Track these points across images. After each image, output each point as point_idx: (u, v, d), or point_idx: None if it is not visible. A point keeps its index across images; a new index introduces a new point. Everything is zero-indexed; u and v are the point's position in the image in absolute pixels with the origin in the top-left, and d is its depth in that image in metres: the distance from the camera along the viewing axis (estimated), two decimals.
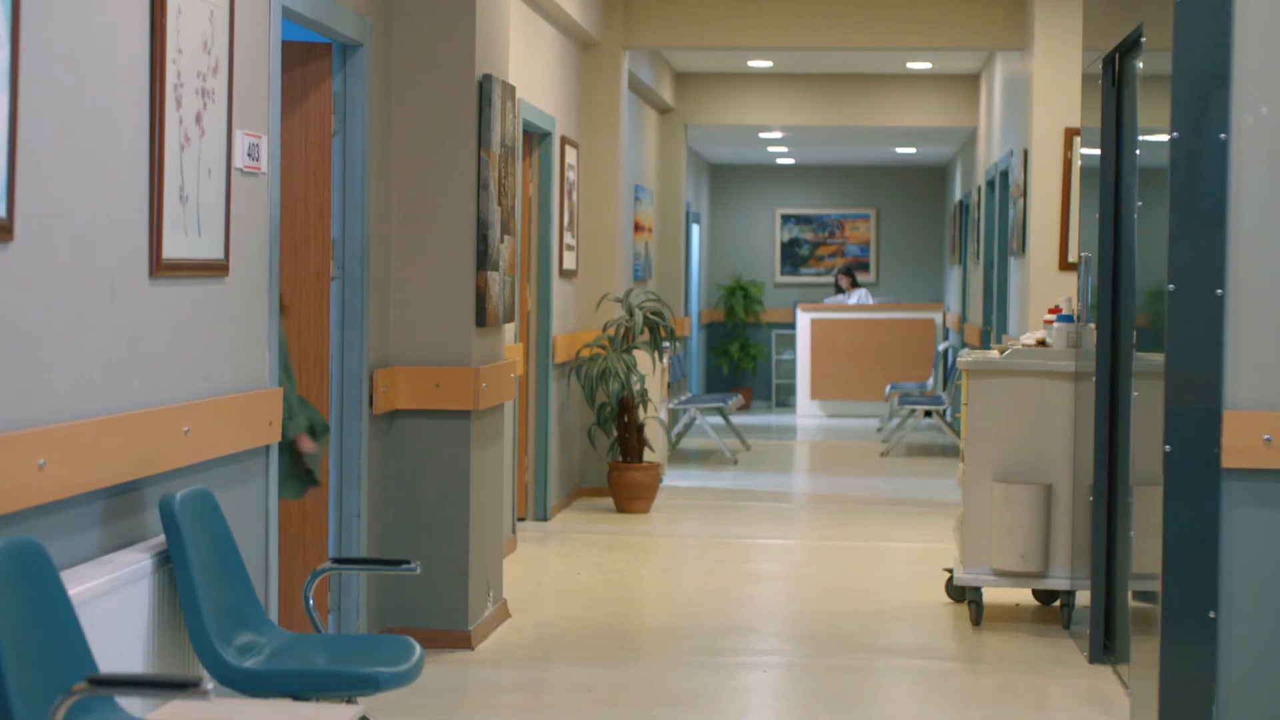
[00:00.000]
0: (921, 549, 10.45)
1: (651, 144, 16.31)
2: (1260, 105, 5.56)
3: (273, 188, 5.75)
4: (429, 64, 7.25)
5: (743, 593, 9.19)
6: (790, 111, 17.45)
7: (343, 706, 4.45)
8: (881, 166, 23.39)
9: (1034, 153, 11.36)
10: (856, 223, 23.64)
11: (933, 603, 8.60)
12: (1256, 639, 5.61)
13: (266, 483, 5.68)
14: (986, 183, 15.22)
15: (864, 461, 15.62)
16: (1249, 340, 5.57)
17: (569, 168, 11.60)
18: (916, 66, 16.37)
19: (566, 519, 11.36)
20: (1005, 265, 13.46)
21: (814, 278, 23.44)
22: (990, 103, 15.21)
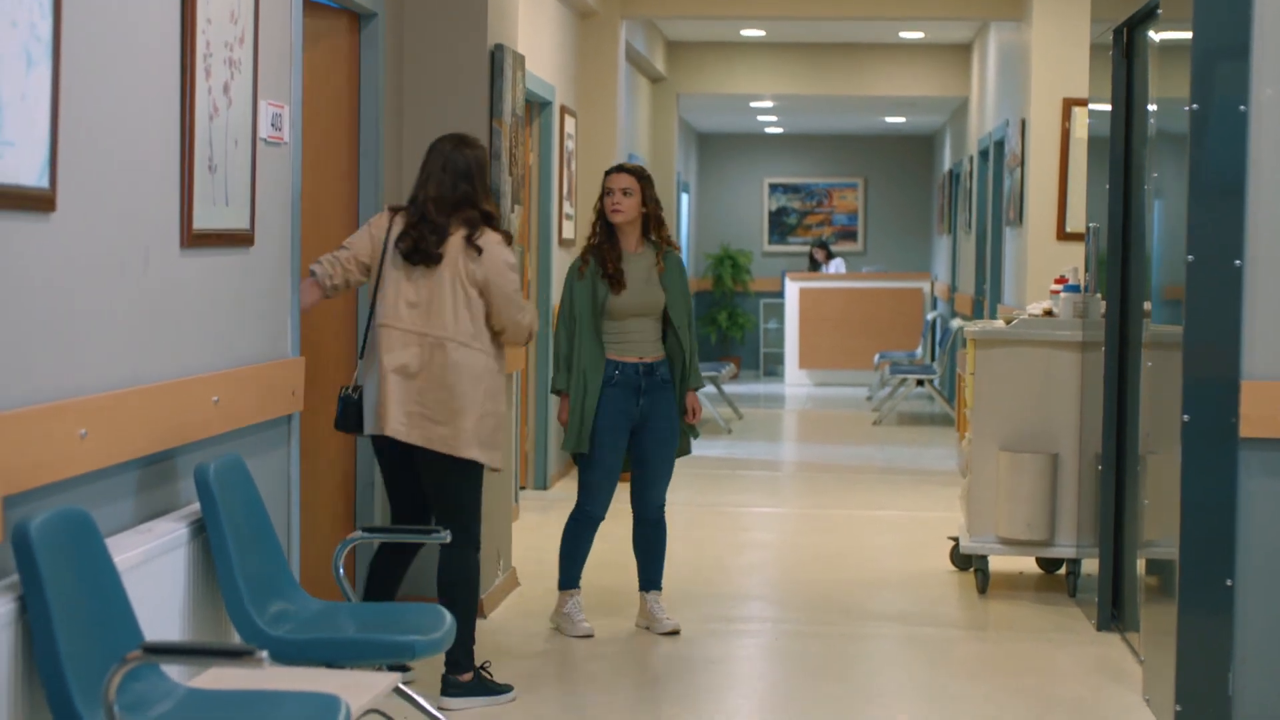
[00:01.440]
0: (921, 517, 10.50)
1: (644, 113, 16.32)
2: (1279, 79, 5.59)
3: (295, 157, 5.76)
4: (442, 34, 7.25)
5: (745, 561, 9.23)
6: (782, 80, 17.46)
7: (378, 674, 4.48)
8: (870, 135, 23.42)
9: (1032, 123, 11.39)
10: (844, 192, 23.67)
11: (937, 570, 8.65)
12: (1272, 607, 5.67)
13: (289, 451, 5.70)
14: (979, 152, 15.25)
15: (857, 430, 15.68)
16: (1267, 311, 5.62)
17: (568, 137, 11.61)
18: (909, 36, 16.39)
19: (566, 487, 11.39)
20: (999, 235, 13.50)
21: (802, 247, 23.47)
22: (983, 72, 15.23)
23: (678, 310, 7.14)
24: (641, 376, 7.08)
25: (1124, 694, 6.36)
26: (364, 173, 6.81)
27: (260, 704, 3.94)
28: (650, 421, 7.12)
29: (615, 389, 7.05)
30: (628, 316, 7.07)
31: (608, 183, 7.15)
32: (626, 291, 7.05)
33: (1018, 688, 6.49)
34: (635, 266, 7.12)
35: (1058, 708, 6.25)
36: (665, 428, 7.14)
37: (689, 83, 17.33)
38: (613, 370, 7.06)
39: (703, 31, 16.45)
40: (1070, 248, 10.96)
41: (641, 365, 7.08)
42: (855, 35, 16.53)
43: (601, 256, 7.09)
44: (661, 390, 7.13)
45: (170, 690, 3.92)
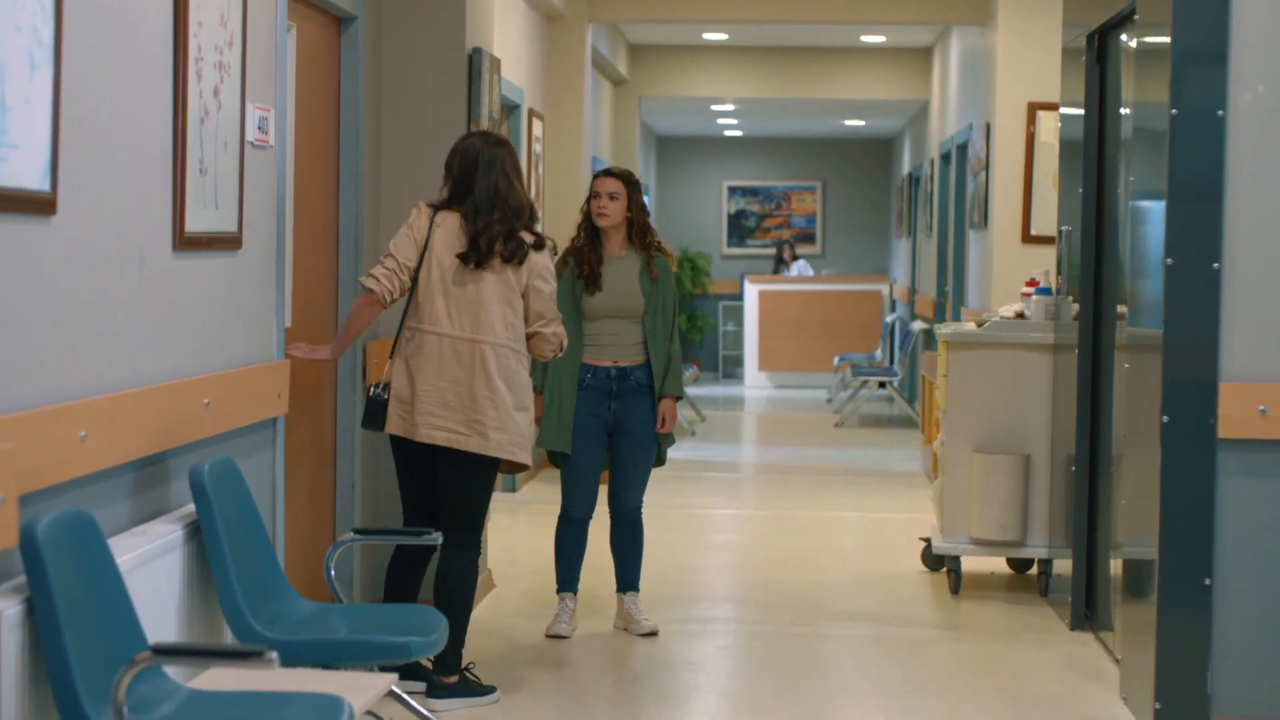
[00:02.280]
0: (888, 519, 10.57)
1: (606, 116, 16.35)
2: (1257, 83, 5.67)
3: (280, 161, 5.77)
4: (421, 37, 7.27)
5: (717, 563, 9.28)
6: (743, 83, 17.52)
7: (374, 675, 4.50)
8: (828, 139, 23.50)
9: (997, 126, 11.47)
10: (803, 194, 23.75)
11: (908, 571, 8.71)
12: (1250, 606, 5.74)
13: (275, 454, 5.71)
14: (941, 156, 15.34)
15: (819, 432, 15.74)
16: (1245, 313, 5.69)
17: (536, 140, 11.64)
18: (870, 39, 16.47)
19: (534, 490, 11.42)
20: (962, 238, 13.58)
21: (760, 249, 23.55)
22: (945, 76, 15.32)
23: (654, 316, 7.17)
24: (613, 380, 7.13)
25: (1101, 692, 6.42)
26: (344, 175, 6.82)
27: (264, 705, 3.95)
28: (624, 425, 7.17)
29: (587, 392, 7.13)
30: (604, 317, 7.12)
31: (595, 186, 7.20)
32: (602, 294, 7.11)
33: (995, 686, 6.55)
34: (616, 270, 7.16)
35: (1036, 706, 6.31)
36: (640, 431, 7.17)
37: (651, 85, 17.38)
38: (585, 373, 7.13)
39: (665, 35, 16.50)
40: (1036, 251, 11.05)
41: (614, 369, 7.13)
42: (817, 39, 16.60)
43: (581, 258, 7.16)
44: (636, 394, 7.15)
45: (173, 691, 3.94)
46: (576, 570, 7.28)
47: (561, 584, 7.27)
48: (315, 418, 6.57)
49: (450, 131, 7.31)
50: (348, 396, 6.83)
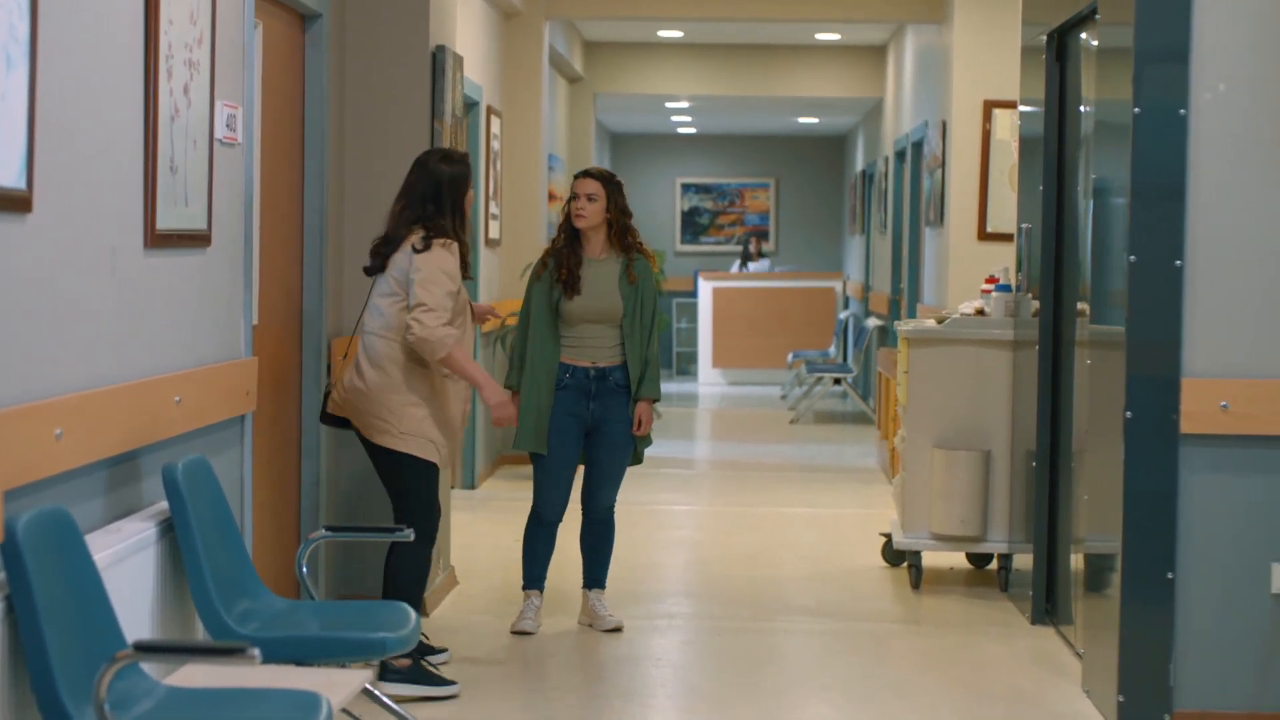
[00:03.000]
0: (846, 514, 10.62)
1: (561, 113, 16.36)
2: (1218, 82, 5.74)
3: (248, 158, 5.78)
4: (385, 35, 7.28)
5: (679, 559, 9.31)
6: (698, 81, 17.56)
7: (349, 671, 4.52)
8: (782, 136, 23.57)
9: (953, 124, 11.53)
10: (756, 192, 23.81)
11: (868, 566, 8.76)
12: (1212, 599, 5.81)
13: (243, 452, 5.72)
14: (896, 153, 15.40)
15: (775, 429, 15.79)
16: (1207, 310, 5.76)
17: (494, 137, 11.64)
18: (825, 38, 16.53)
19: (493, 487, 11.43)
20: (918, 235, 13.65)
21: (714, 246, 23.60)
22: (900, 74, 15.38)
23: (633, 319, 7.12)
24: (592, 381, 7.11)
25: (1064, 685, 6.48)
26: (309, 172, 6.82)
27: (243, 701, 3.96)
28: (602, 426, 7.16)
29: (565, 392, 7.10)
30: (581, 322, 7.10)
31: (574, 187, 7.17)
32: (580, 297, 7.07)
33: (959, 680, 6.60)
34: (595, 272, 7.13)
35: (1000, 700, 6.36)
36: (617, 432, 7.17)
37: (606, 83, 17.40)
38: (563, 373, 7.11)
39: (620, 32, 16.52)
40: (992, 248, 11.11)
41: (593, 370, 7.11)
42: (772, 37, 16.65)
43: (559, 260, 7.13)
44: (614, 395, 7.14)
45: (151, 688, 3.94)
46: (543, 570, 7.30)
47: (528, 582, 7.28)
48: (280, 415, 6.57)
49: (414, 129, 7.33)
50: (312, 394, 6.83)
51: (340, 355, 7.05)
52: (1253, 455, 5.78)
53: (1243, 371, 5.77)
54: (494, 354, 11.80)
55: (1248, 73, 5.74)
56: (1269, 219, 5.76)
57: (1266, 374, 5.77)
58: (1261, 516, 5.79)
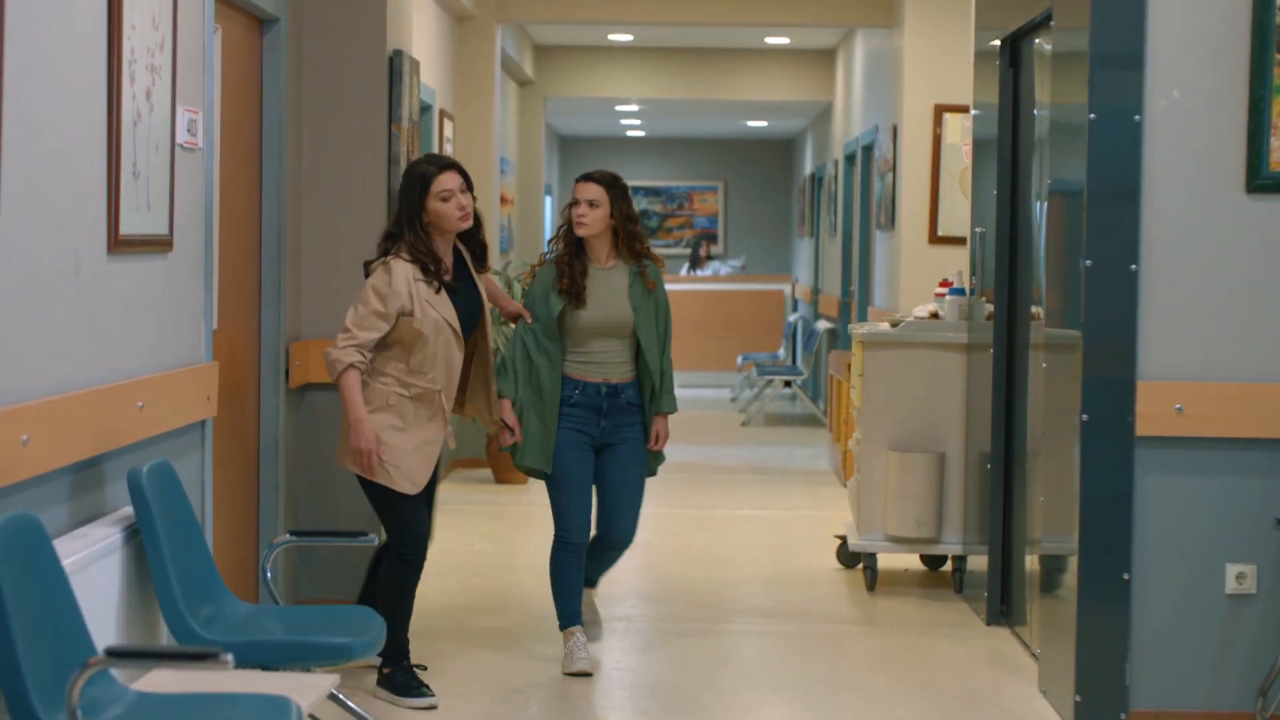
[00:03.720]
0: (800, 516, 10.67)
1: (512, 117, 16.37)
2: (1172, 88, 5.80)
3: (209, 163, 5.78)
4: (342, 39, 7.29)
5: (632, 562, 9.31)
6: (648, 84, 17.59)
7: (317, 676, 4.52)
8: (730, 139, 23.63)
9: (904, 128, 11.59)
10: (705, 194, 23.88)
11: (824, 569, 8.81)
12: (1167, 600, 5.87)
13: (204, 456, 5.72)
14: (845, 156, 15.47)
15: (726, 431, 15.84)
16: (1161, 314, 5.83)
17: (447, 140, 11.65)
18: (774, 41, 16.59)
19: (447, 490, 11.43)
20: (868, 238, 13.71)
21: (663, 249, 23.62)
22: (849, 78, 15.45)
23: (647, 330, 6.60)
24: (604, 398, 6.60)
25: (1020, 685, 6.53)
26: (267, 176, 6.82)
27: (213, 706, 3.97)
28: (613, 445, 6.66)
29: (574, 409, 6.60)
30: (591, 336, 6.59)
31: (575, 192, 6.67)
32: (587, 310, 6.54)
33: (916, 681, 6.65)
34: (603, 283, 6.59)
35: (958, 701, 6.41)
36: (631, 451, 6.67)
37: (556, 86, 17.41)
38: (572, 389, 6.59)
39: (571, 36, 16.54)
40: (943, 251, 11.17)
41: (605, 386, 6.60)
42: (721, 41, 16.70)
43: (561, 270, 6.58)
44: (626, 413, 6.65)
45: (121, 694, 3.95)
46: (579, 601, 6.73)
47: (566, 619, 6.70)
48: (239, 419, 6.57)
49: (371, 133, 7.34)
50: (270, 399, 6.84)
51: (297, 361, 7.06)
52: (1207, 457, 5.85)
53: (1196, 374, 5.83)
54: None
55: (1201, 79, 5.80)
56: (1222, 223, 5.83)
57: (1220, 377, 5.83)
58: (1216, 518, 5.86)
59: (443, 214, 6.17)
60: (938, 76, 11.27)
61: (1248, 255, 5.83)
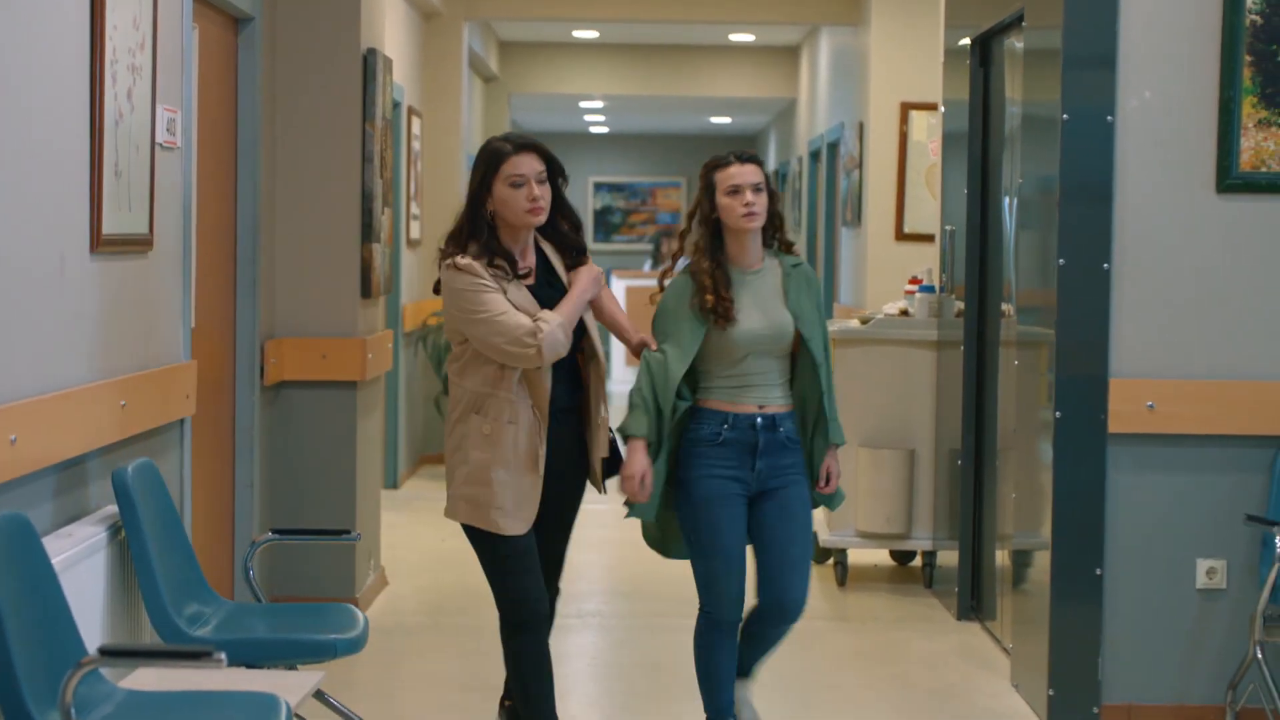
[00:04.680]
0: None
1: (478, 113, 16.37)
2: (1144, 89, 5.87)
3: (187, 161, 5.79)
4: (316, 38, 7.30)
5: (597, 558, 9.36)
6: (612, 81, 17.62)
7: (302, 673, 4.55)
8: (693, 135, 23.68)
9: (870, 126, 11.65)
10: (668, 191, 23.93)
11: None
12: (1138, 594, 5.95)
13: (183, 454, 5.73)
14: (810, 153, 15.53)
15: None
16: (1133, 312, 5.89)
17: (415, 138, 11.66)
18: (738, 38, 16.63)
19: (415, 487, 11.45)
20: (833, 235, 13.77)
21: (626, 245, 23.68)
22: (814, 75, 15.51)
23: (815, 339, 5.23)
24: (759, 432, 5.19)
25: (992, 680, 6.59)
26: (243, 175, 6.83)
27: (203, 704, 3.99)
28: (773, 491, 5.25)
29: (721, 449, 5.18)
30: (745, 355, 5.19)
31: (729, 176, 5.20)
32: (738, 326, 5.15)
33: (890, 676, 6.71)
34: (751, 290, 5.22)
35: (932, 695, 6.47)
36: (794, 498, 5.27)
37: (521, 83, 17.43)
38: (719, 424, 5.18)
39: (536, 32, 16.55)
40: (909, 249, 11.23)
41: (760, 417, 5.19)
42: (686, 38, 16.73)
43: (703, 283, 5.17)
44: (786, 450, 5.24)
45: (110, 692, 3.97)
46: (731, 692, 5.42)
47: (715, 712, 5.41)
48: (215, 417, 6.58)
49: (345, 131, 7.36)
50: (246, 396, 6.85)
51: (272, 358, 7.07)
52: (1178, 454, 5.92)
53: (1168, 372, 5.90)
54: (415, 355, 11.82)
55: (1173, 80, 5.87)
56: (1193, 223, 5.89)
57: (1191, 374, 5.90)
58: (1186, 513, 5.93)
59: (509, 203, 5.02)
60: (904, 74, 11.33)
61: (1218, 255, 5.90)
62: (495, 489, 4.99)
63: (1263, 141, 5.82)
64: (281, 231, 7.28)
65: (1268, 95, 5.81)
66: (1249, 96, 5.81)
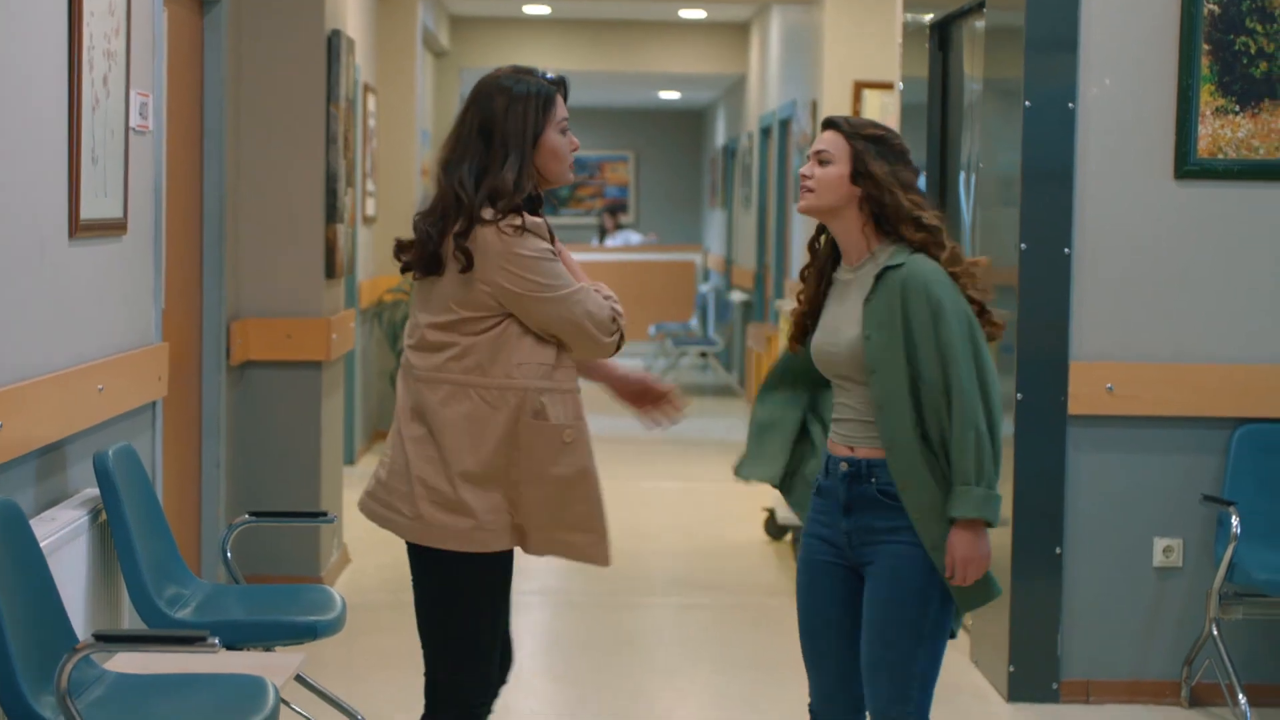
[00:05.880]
0: (724, 489, 10.80)
1: (429, 88, 16.38)
2: (1104, 76, 5.97)
3: (158, 144, 5.82)
4: (280, 19, 7.32)
5: None
6: (563, 56, 17.63)
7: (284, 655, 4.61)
8: (641, 109, 23.72)
9: (824, 104, 11.73)
10: (616, 165, 23.96)
11: (751, 541, 8.96)
12: (1097, 572, 6.07)
13: (154, 436, 5.77)
14: (761, 130, 15.60)
15: None
16: (1093, 296, 6.01)
17: (370, 115, 11.68)
18: (688, 15, 16.69)
19: (371, 463, 11.49)
20: (784, 211, 13.86)
21: (574, 219, 23.71)
22: (765, 52, 15.58)
23: (892, 369, 3.95)
24: (844, 482, 4.05)
25: (951, 656, 6.59)
26: (208, 156, 6.85)
27: (191, 686, 4.05)
28: (866, 566, 4.06)
29: (820, 499, 4.15)
30: (835, 380, 4.13)
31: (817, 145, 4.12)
32: (812, 340, 4.18)
33: None
34: (840, 294, 4.13)
35: None
36: (884, 577, 4.01)
37: (472, 58, 17.42)
38: (823, 468, 4.17)
39: (487, 7, 16.56)
40: None
41: (846, 463, 4.05)
42: (636, 13, 16.78)
43: (803, 279, 4.27)
44: (877, 511, 4.01)
45: (100, 675, 4.02)
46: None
47: None
48: (182, 397, 6.61)
49: (310, 113, 7.39)
50: (213, 376, 6.88)
51: (238, 339, 7.10)
52: (1136, 435, 6.04)
53: (1127, 355, 6.02)
54: (371, 331, 11.85)
55: (1132, 68, 5.98)
56: (1151, 209, 6.01)
57: (1148, 358, 6.02)
58: (1144, 494, 6.05)
59: (560, 153, 4.19)
60: (858, 53, 11.40)
61: (1176, 240, 6.02)
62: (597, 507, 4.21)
63: (1220, 129, 5.93)
64: (247, 212, 7.31)
65: (1225, 84, 5.92)
66: (1207, 85, 5.92)
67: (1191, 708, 6.04)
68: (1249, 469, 5.97)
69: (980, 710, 6.07)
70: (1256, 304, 6.01)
